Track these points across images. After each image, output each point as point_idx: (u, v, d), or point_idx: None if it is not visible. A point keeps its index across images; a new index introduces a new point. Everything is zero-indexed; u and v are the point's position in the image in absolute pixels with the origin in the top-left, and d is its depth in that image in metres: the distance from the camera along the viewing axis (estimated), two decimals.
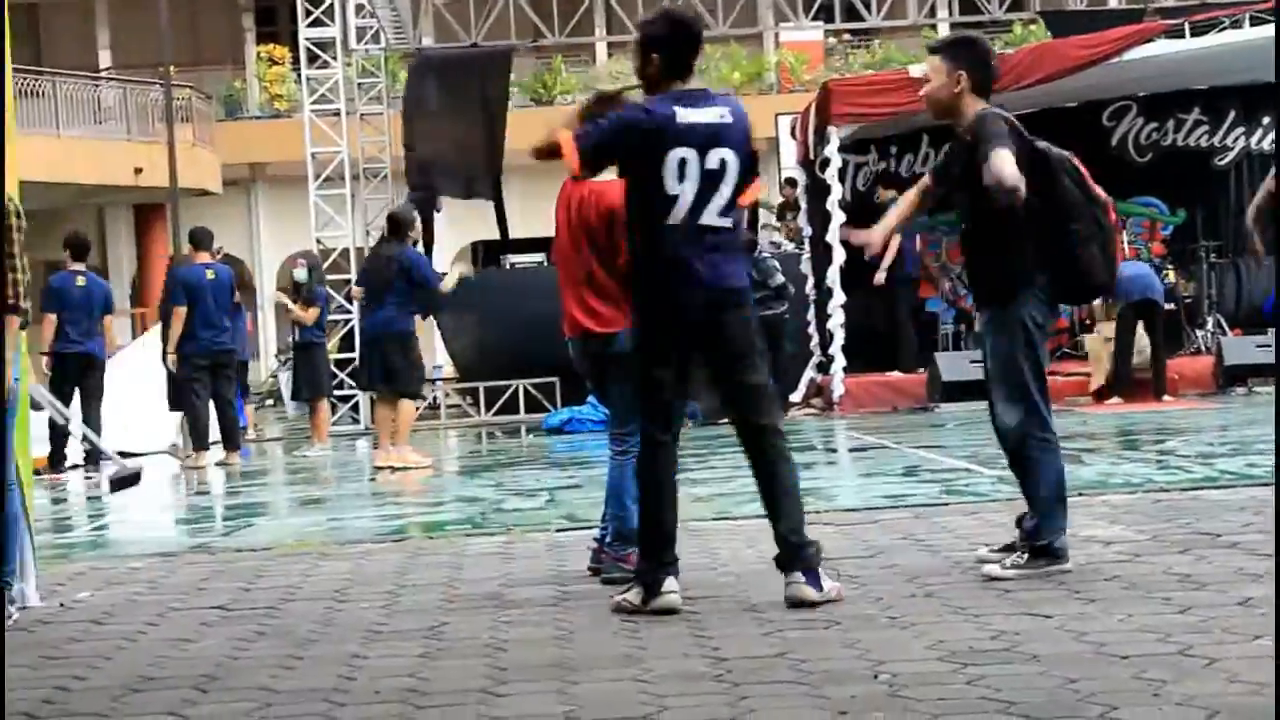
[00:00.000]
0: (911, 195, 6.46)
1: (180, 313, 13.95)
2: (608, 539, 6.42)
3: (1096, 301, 15.42)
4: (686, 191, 5.65)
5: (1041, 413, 6.00)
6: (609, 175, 6.42)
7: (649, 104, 5.79)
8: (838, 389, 16.69)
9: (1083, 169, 6.08)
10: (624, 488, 6.38)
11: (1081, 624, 4.93)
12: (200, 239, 14.46)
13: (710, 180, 5.68)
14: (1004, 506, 8.03)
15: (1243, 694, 3.93)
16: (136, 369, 17.26)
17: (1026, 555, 5.92)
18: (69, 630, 5.93)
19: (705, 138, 5.68)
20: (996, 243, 6.00)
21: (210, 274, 14.04)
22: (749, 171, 5.80)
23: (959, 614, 5.23)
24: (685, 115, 5.69)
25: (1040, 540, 5.90)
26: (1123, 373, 15.67)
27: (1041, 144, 6.10)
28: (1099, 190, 6.05)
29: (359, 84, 22.12)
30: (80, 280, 14.15)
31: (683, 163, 5.65)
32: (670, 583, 5.65)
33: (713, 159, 5.68)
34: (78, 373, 14.00)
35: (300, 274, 15.69)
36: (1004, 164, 5.71)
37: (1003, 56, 17.56)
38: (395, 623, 5.71)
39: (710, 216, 5.68)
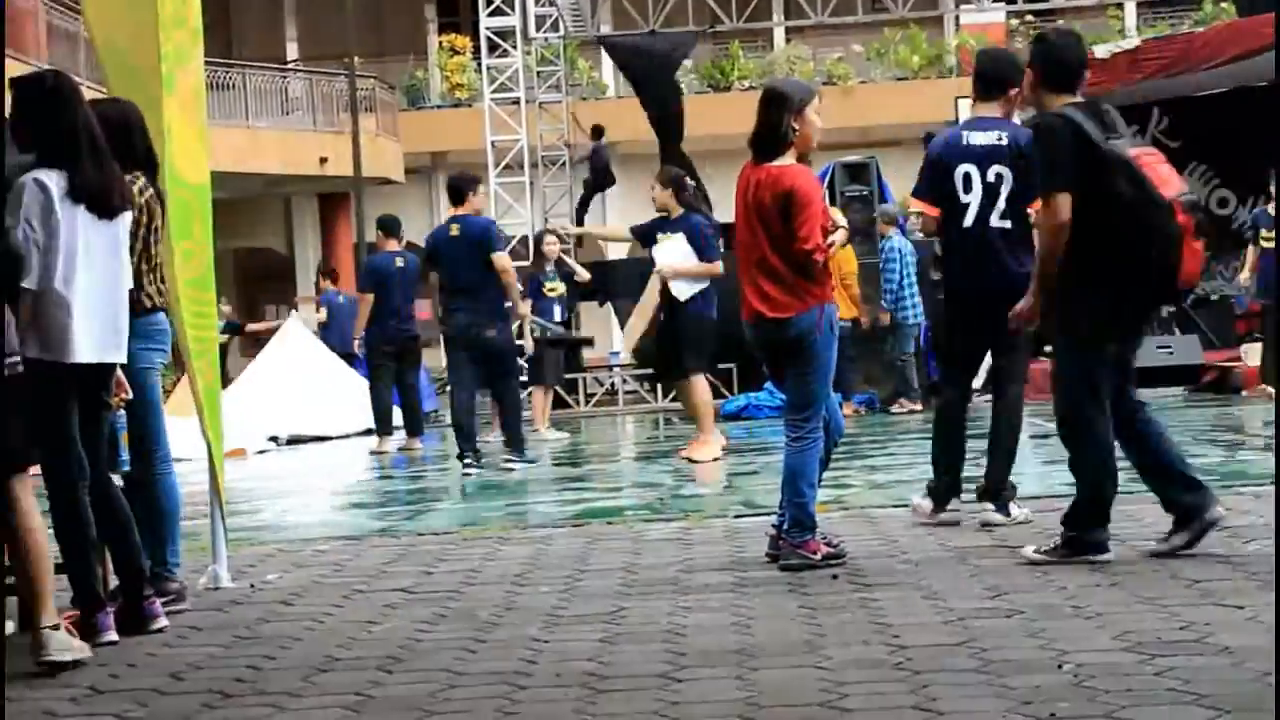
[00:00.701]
0: None
1: (367, 300, 14.18)
2: (785, 526, 6.40)
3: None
4: (973, 200, 7.11)
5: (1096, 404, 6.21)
6: (788, 160, 6.41)
7: (948, 129, 7.44)
8: None
9: (1147, 171, 5.99)
10: (800, 474, 6.37)
11: (1274, 615, 4.80)
12: (389, 226, 14.62)
13: (990, 191, 7.09)
14: None
15: None
16: (321, 353, 17.67)
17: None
18: (259, 611, 6.07)
19: (983, 156, 7.11)
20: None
21: (399, 261, 14.18)
22: (1025, 183, 6.98)
23: (1146, 604, 5.13)
24: (970, 138, 7.17)
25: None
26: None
27: (1108, 145, 6.04)
28: (1164, 192, 5.96)
29: (538, 72, 22.33)
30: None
31: (967, 176, 7.12)
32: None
33: (991, 174, 7.10)
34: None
35: None
36: None
37: (1190, 36, 17.24)
38: (575, 607, 5.76)
39: (995, 220, 7.12)
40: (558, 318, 15.27)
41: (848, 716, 4.00)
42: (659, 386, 19.65)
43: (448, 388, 13.96)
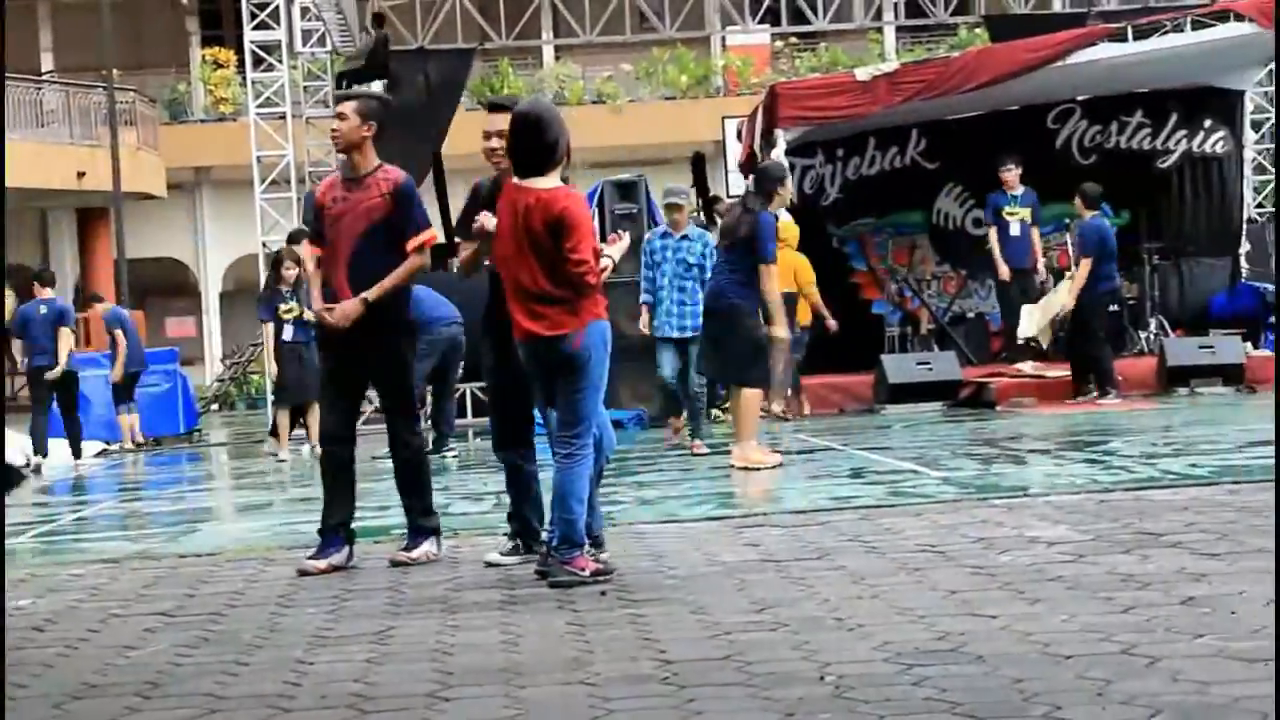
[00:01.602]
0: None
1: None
2: (555, 543, 6.41)
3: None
4: None
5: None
6: (554, 180, 6.43)
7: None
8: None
9: None
10: (571, 491, 6.38)
11: (1026, 624, 4.96)
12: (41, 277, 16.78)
13: None
14: (948, 508, 8.08)
15: (1185, 693, 3.96)
16: None
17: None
18: (9, 638, 5.86)
19: None
20: None
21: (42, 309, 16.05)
22: None
23: (905, 615, 5.25)
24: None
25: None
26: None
27: None
28: None
29: (305, 87, 22.04)
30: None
31: None
32: None
33: None
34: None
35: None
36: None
37: (948, 60, 17.74)
38: (341, 628, 5.69)
39: None
40: (290, 338, 15.00)
41: None
42: (428, 403, 19.49)
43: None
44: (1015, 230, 16.92)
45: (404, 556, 7.22)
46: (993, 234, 16.89)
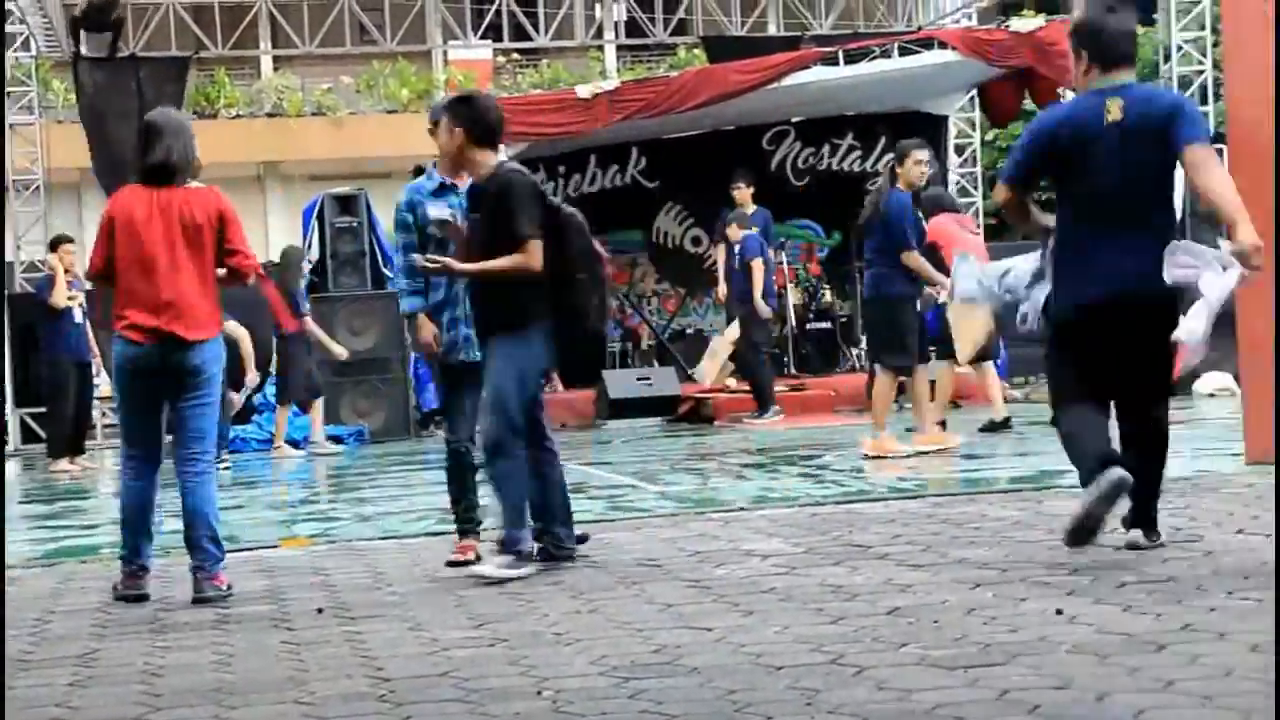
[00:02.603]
0: None
1: None
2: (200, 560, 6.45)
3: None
4: None
5: (521, 431, 6.59)
6: (197, 183, 6.51)
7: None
8: None
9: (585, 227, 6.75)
10: (211, 509, 6.53)
11: (741, 635, 5.05)
12: None
13: None
14: (667, 522, 8.18)
15: (889, 700, 4.08)
16: None
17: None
18: None
19: None
20: (512, 282, 6.53)
21: None
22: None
23: (623, 628, 5.30)
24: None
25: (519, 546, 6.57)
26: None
27: (553, 201, 6.85)
28: (599, 247, 6.82)
29: (9, 93, 21.27)
30: None
31: None
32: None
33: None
34: None
35: None
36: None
37: (666, 80, 17.99)
38: (44, 650, 5.50)
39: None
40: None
41: None
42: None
43: None
44: None
45: None
46: (719, 252, 17.06)
